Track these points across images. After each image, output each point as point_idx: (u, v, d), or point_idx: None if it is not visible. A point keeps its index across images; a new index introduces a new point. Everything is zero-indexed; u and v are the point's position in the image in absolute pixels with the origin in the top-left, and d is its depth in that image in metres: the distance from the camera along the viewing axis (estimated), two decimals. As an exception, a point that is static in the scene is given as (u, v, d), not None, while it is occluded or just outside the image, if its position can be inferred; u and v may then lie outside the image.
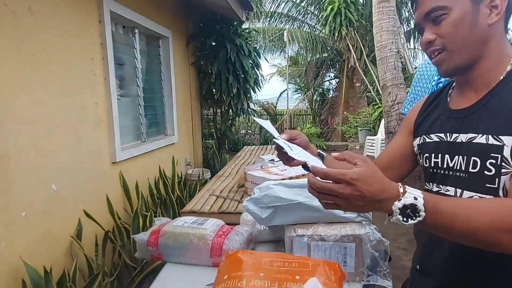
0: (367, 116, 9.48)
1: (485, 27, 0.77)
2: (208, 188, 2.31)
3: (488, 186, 0.75)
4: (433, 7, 0.79)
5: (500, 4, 0.77)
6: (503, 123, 0.74)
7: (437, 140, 0.88)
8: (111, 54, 2.83)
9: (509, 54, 0.80)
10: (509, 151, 0.72)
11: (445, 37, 0.80)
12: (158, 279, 1.25)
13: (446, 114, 0.89)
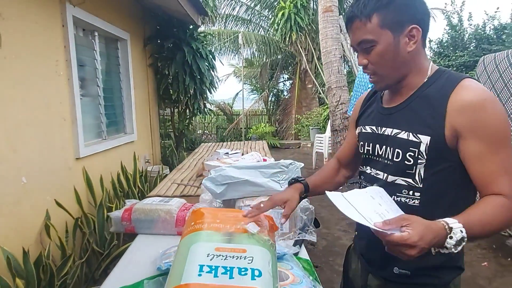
0: (317, 116, 10.09)
1: (406, 53, 0.94)
2: (170, 177, 2.59)
3: (407, 171, 0.96)
4: (362, 39, 0.94)
5: (416, 34, 0.92)
6: (421, 124, 0.93)
7: (370, 131, 1.08)
8: (74, 57, 3.01)
9: (426, 66, 0.98)
10: (425, 147, 0.92)
11: (374, 65, 0.96)
12: (132, 247, 1.53)
13: (379, 110, 1.08)
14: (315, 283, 1.12)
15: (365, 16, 0.92)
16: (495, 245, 3.42)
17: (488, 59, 2.81)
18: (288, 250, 1.31)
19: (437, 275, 0.99)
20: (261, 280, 0.88)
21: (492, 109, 0.87)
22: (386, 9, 0.91)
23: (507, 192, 0.86)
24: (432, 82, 0.95)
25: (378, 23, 0.92)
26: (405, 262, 0.93)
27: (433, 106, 0.92)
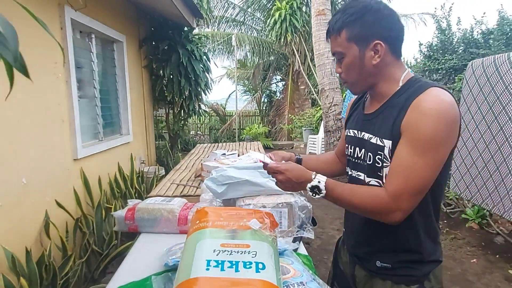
0: (310, 117, 10.19)
1: (371, 66, 1.03)
2: (169, 178, 2.63)
3: (378, 174, 1.05)
4: (334, 51, 1.07)
5: (380, 49, 1.01)
6: (386, 130, 1.01)
7: (352, 135, 1.17)
8: (72, 59, 3.04)
9: (399, 75, 1.05)
10: (388, 150, 1.00)
11: (344, 74, 1.08)
12: (135, 245, 1.58)
13: (360, 115, 1.17)
14: (315, 276, 1.18)
15: (336, 30, 1.05)
16: (483, 243, 3.53)
17: (476, 64, 2.91)
18: (288, 246, 1.38)
19: (416, 267, 1.08)
20: (265, 272, 0.94)
21: (433, 119, 0.91)
22: (353, 25, 1.01)
23: (390, 189, 0.96)
24: (403, 91, 1.02)
25: (346, 37, 1.03)
26: (386, 257, 1.11)
27: (398, 112, 0.99)
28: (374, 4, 1.03)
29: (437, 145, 0.93)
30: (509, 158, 2.50)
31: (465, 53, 4.78)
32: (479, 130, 2.87)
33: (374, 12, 1.01)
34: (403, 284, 1.08)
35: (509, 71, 2.46)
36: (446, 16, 5.11)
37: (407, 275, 1.08)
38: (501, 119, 2.58)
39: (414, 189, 0.95)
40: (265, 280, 0.92)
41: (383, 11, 1.02)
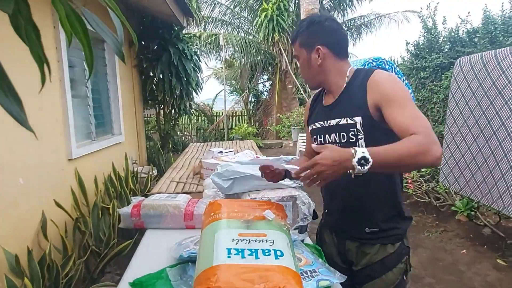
0: (299, 116, 10.27)
1: (316, 66, 1.28)
2: (167, 176, 2.64)
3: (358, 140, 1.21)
4: (294, 55, 1.37)
5: (321, 52, 1.26)
6: (353, 110, 1.21)
7: (319, 126, 1.35)
8: (65, 58, 3.01)
9: (344, 70, 1.29)
10: (359, 125, 1.20)
11: (301, 72, 1.37)
12: (143, 241, 1.59)
13: (322, 108, 1.37)
14: (325, 264, 1.22)
15: (292, 40, 1.35)
16: (472, 235, 3.65)
17: (464, 61, 3.01)
18: (297, 237, 1.42)
19: (398, 225, 1.28)
20: (284, 259, 0.98)
21: (389, 81, 1.17)
22: (302, 35, 1.30)
23: (419, 130, 1.04)
24: (353, 80, 1.26)
25: (298, 44, 1.31)
26: (373, 222, 1.27)
27: (358, 93, 1.21)
28: (318, 18, 1.31)
29: (408, 96, 1.15)
30: (497, 151, 2.60)
31: (451, 52, 4.92)
32: (467, 125, 2.97)
33: (317, 24, 1.28)
34: (389, 243, 1.26)
35: (496, 68, 2.56)
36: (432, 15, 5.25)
37: (392, 235, 1.27)
38: (489, 113, 2.68)
39: (428, 124, 1.07)
40: (284, 266, 0.96)
41: (324, 23, 1.28)
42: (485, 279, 2.85)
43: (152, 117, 7.02)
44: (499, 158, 2.57)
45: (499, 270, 2.97)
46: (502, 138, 2.54)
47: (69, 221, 2.71)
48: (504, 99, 2.50)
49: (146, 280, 1.18)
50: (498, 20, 4.61)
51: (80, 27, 0.67)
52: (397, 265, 1.26)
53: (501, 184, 2.56)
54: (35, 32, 0.66)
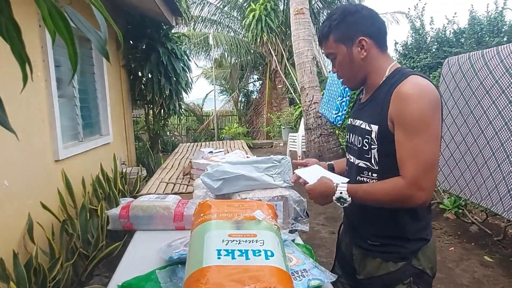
0: (289, 116, 10.29)
1: (360, 60, 1.16)
2: (157, 177, 2.61)
3: (365, 156, 1.18)
4: (327, 53, 1.22)
5: (365, 44, 1.14)
6: (373, 116, 1.14)
7: (349, 123, 1.31)
8: (51, 57, 2.96)
9: (385, 67, 1.17)
10: (375, 134, 1.13)
11: (339, 72, 1.22)
12: (132, 243, 1.57)
13: (357, 104, 1.32)
14: (316, 263, 1.22)
15: (324, 36, 1.20)
16: (459, 232, 3.70)
17: (452, 61, 3.05)
18: (287, 236, 1.41)
19: (403, 245, 1.17)
20: (274, 259, 0.97)
21: (415, 101, 1.03)
22: (338, 28, 1.16)
23: (406, 174, 1.05)
24: (388, 81, 1.14)
25: (333, 40, 1.18)
26: (374, 236, 1.22)
27: (383, 99, 1.11)
28: (353, 7, 1.19)
29: (427, 122, 1.03)
30: (485, 149, 2.64)
31: (439, 52, 4.98)
32: (456, 124, 3.01)
33: (353, 13, 1.16)
34: (391, 261, 1.18)
35: (483, 68, 2.60)
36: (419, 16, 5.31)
37: (394, 252, 1.18)
38: (476, 113, 2.72)
39: (425, 166, 1.03)
40: (275, 266, 0.95)
41: (362, 11, 1.17)
42: (473, 275, 2.89)
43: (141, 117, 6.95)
44: (487, 156, 2.61)
45: (486, 266, 3.02)
46: (489, 137, 2.58)
47: (56, 223, 2.67)
48: (491, 99, 2.54)
49: (135, 283, 1.16)
50: (483, 21, 4.69)
51: (63, 25, 0.66)
52: (396, 286, 1.17)
53: (489, 182, 2.60)
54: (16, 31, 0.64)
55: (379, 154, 1.14)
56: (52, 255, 2.30)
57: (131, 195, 3.66)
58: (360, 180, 1.21)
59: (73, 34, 0.66)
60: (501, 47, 2.45)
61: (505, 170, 2.42)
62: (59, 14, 0.65)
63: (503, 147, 2.43)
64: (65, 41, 0.67)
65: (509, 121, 2.37)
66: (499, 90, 2.45)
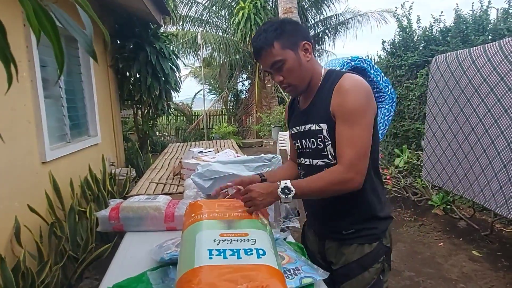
0: (279, 115, 10.31)
1: (306, 63, 1.22)
2: (146, 178, 2.59)
3: (322, 154, 1.24)
4: (273, 61, 1.20)
5: (309, 47, 1.23)
6: (320, 116, 1.22)
7: (296, 131, 1.35)
8: (37, 57, 2.90)
9: (320, 70, 1.26)
10: (326, 132, 1.20)
11: (288, 78, 1.22)
12: (122, 245, 1.55)
13: (297, 112, 1.36)
14: (308, 261, 1.22)
15: (268, 45, 1.19)
16: (448, 228, 3.75)
17: (440, 59, 3.09)
18: (279, 235, 1.42)
19: (375, 226, 1.26)
20: (266, 257, 0.97)
21: (353, 94, 1.14)
22: (281, 36, 1.19)
23: (344, 160, 1.13)
24: (325, 82, 1.23)
25: (280, 47, 1.19)
26: (348, 225, 1.27)
27: (326, 98, 1.20)
28: (284, 19, 1.28)
29: (363, 112, 1.14)
30: (476, 146, 2.67)
31: (426, 50, 5.04)
32: (447, 122, 3.05)
33: (289, 22, 1.25)
34: (366, 243, 1.26)
35: (471, 66, 2.64)
36: (406, 14, 5.37)
37: (369, 235, 1.26)
38: (466, 111, 2.76)
39: (361, 152, 1.13)
40: (267, 264, 0.95)
41: (293, 21, 1.27)
42: (462, 270, 2.94)
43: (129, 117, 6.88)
44: (479, 153, 2.65)
45: (475, 261, 3.07)
46: (480, 134, 2.61)
47: (44, 226, 2.62)
48: (480, 97, 2.57)
49: (126, 284, 1.15)
50: (469, 20, 4.76)
51: (48, 24, 0.65)
52: (373, 265, 1.25)
53: (482, 179, 2.64)
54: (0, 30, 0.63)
55: (334, 149, 1.20)
56: (40, 259, 2.26)
57: (120, 196, 3.62)
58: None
59: (59, 34, 0.65)
60: (488, 45, 2.49)
61: (496, 166, 2.46)
62: (45, 13, 0.64)
63: (494, 144, 2.47)
64: (51, 41, 0.66)
65: (498, 118, 2.41)
66: (487, 88, 2.49)
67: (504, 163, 2.37)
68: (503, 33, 4.14)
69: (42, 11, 0.63)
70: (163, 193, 2.16)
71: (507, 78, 2.30)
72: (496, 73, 2.38)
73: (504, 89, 2.32)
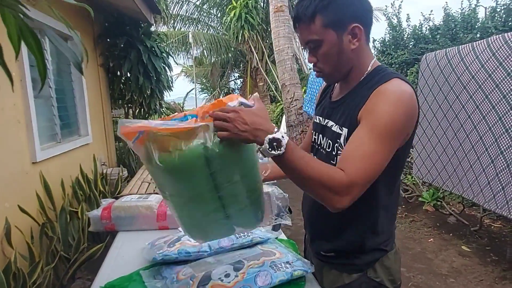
0: (271, 113, 10.33)
1: (349, 51, 0.98)
2: (138, 177, 2.58)
3: (331, 162, 1.03)
4: (308, 40, 0.98)
5: (358, 32, 0.96)
6: (346, 118, 0.99)
7: (318, 122, 1.16)
8: (26, 56, 2.87)
9: (368, 63, 1.01)
10: (343, 138, 0.98)
11: (322, 63, 1.00)
12: (114, 244, 1.55)
13: (327, 102, 1.14)
14: (299, 256, 1.24)
15: (308, 17, 0.95)
16: (438, 223, 3.81)
17: (429, 57, 3.13)
18: (271, 234, 1.43)
19: (358, 256, 1.06)
20: None
21: (392, 104, 0.89)
22: (327, 9, 0.94)
23: (349, 172, 0.86)
24: (368, 80, 1.00)
25: (321, 23, 0.95)
26: (329, 247, 1.11)
27: (360, 100, 0.96)
28: None
29: (395, 132, 0.90)
30: (465, 143, 2.72)
31: (416, 48, 5.10)
32: (436, 119, 3.09)
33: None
34: (345, 272, 1.08)
35: (460, 64, 2.68)
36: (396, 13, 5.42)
37: (348, 264, 1.08)
38: (455, 107, 2.80)
39: (370, 177, 0.89)
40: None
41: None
42: (452, 265, 2.99)
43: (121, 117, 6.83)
44: (467, 149, 2.69)
45: (464, 256, 3.12)
46: (468, 130, 2.66)
47: (35, 226, 2.60)
48: (469, 94, 2.62)
49: (118, 283, 1.15)
50: (458, 18, 4.82)
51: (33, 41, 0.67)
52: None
53: (470, 174, 2.69)
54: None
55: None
56: (32, 259, 2.24)
57: (112, 196, 3.60)
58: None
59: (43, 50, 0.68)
60: (476, 43, 2.53)
61: (484, 162, 2.50)
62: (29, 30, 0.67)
63: (482, 140, 2.51)
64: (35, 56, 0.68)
65: (486, 115, 2.45)
66: (475, 85, 2.53)
67: (492, 159, 2.41)
68: (491, 31, 4.21)
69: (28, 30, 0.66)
70: (155, 192, 2.16)
71: (494, 75, 2.34)
72: (484, 70, 2.42)
73: (492, 85, 2.36)
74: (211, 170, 0.84)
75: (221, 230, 1.03)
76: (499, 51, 2.28)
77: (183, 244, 1.25)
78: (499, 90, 2.30)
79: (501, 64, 2.27)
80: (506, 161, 2.27)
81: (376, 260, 1.06)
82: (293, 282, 1.12)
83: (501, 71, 2.27)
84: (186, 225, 0.98)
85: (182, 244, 1.25)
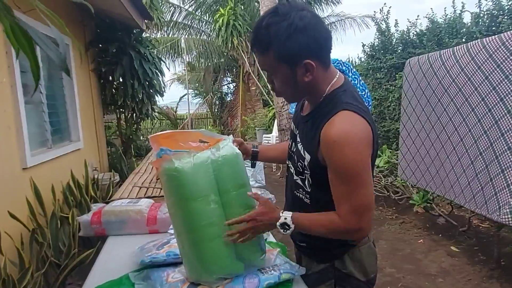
0: (263, 117, 10.38)
1: (304, 82, 1.01)
2: (129, 181, 2.59)
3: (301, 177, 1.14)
4: (263, 68, 1.05)
5: (311, 68, 0.98)
6: (307, 144, 1.07)
7: (292, 130, 1.23)
8: (17, 63, 2.87)
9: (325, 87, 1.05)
10: (307, 162, 1.07)
11: (278, 88, 1.07)
12: (105, 249, 1.56)
13: (299, 114, 1.21)
14: (287, 259, 1.27)
15: (262, 49, 1.00)
16: (428, 225, 3.86)
17: (413, 62, 3.21)
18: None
19: (325, 248, 1.17)
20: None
21: (341, 149, 0.95)
22: (280, 45, 0.96)
23: (341, 215, 1.00)
24: (325, 104, 1.05)
25: (274, 56, 0.98)
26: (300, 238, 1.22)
27: (315, 130, 1.03)
28: (299, 21, 0.95)
29: (357, 169, 0.96)
30: (447, 144, 2.78)
31: (404, 53, 5.19)
32: (420, 121, 3.15)
33: (301, 31, 0.95)
34: (315, 261, 1.21)
35: (441, 68, 2.75)
36: (385, 18, 5.51)
37: (316, 254, 1.21)
38: (438, 110, 2.86)
39: (358, 209, 0.99)
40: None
41: (309, 28, 0.96)
42: (440, 265, 3.04)
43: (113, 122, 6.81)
44: (449, 151, 2.75)
45: (453, 256, 3.17)
46: (450, 132, 2.72)
47: (26, 232, 2.59)
48: (450, 97, 2.68)
49: (107, 287, 1.16)
50: (442, 23, 4.92)
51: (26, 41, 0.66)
52: (318, 286, 1.18)
53: (452, 176, 2.74)
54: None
55: (312, 181, 1.11)
56: (21, 265, 2.23)
57: (103, 201, 3.60)
58: (296, 195, 1.19)
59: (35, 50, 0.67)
60: (457, 48, 2.60)
61: (464, 163, 2.56)
62: (21, 30, 0.65)
63: (462, 142, 2.57)
64: (28, 57, 0.68)
65: (466, 117, 2.51)
66: (456, 89, 2.59)
67: (472, 160, 2.47)
68: (475, 36, 4.30)
69: (19, 28, 0.65)
70: (146, 196, 2.18)
71: (473, 78, 2.40)
72: (464, 74, 2.49)
73: (471, 89, 2.43)
74: None
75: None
76: (477, 56, 2.35)
77: (171, 247, 1.27)
78: (478, 93, 2.36)
79: (479, 68, 2.33)
80: (485, 162, 2.32)
81: (344, 253, 1.15)
82: (281, 285, 1.14)
83: (479, 75, 2.34)
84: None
85: (170, 247, 1.27)
